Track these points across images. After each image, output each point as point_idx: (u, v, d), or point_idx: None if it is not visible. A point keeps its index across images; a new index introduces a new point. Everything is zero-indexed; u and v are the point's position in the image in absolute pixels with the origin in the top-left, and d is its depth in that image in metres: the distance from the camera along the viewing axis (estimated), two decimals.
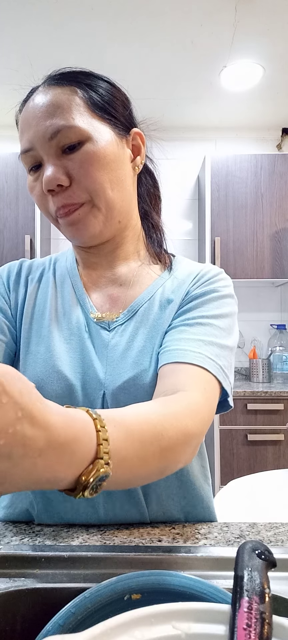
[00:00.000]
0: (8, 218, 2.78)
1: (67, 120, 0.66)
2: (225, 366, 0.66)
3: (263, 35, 2.21)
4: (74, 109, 0.67)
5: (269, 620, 0.34)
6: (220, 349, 0.66)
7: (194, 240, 3.19)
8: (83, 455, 0.40)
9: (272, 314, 3.14)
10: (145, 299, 0.74)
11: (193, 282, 0.74)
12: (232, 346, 0.70)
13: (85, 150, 0.66)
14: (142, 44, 2.27)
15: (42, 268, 0.81)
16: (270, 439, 2.49)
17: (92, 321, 0.73)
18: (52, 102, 0.67)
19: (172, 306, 0.72)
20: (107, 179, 0.68)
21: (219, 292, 0.72)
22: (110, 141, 0.69)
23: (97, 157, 0.67)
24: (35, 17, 2.09)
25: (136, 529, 0.66)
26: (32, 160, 0.69)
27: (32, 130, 0.67)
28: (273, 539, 0.63)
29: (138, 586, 0.44)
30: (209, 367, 0.63)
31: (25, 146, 0.68)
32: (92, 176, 0.67)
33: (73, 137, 0.66)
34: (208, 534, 0.64)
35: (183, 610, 0.36)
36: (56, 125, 0.65)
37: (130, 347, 0.70)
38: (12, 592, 0.50)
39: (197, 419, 0.57)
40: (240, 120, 3.05)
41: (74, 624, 0.40)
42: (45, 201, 0.70)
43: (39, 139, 0.66)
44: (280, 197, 2.79)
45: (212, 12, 2.05)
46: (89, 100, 0.68)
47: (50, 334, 0.72)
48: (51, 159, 0.67)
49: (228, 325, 0.70)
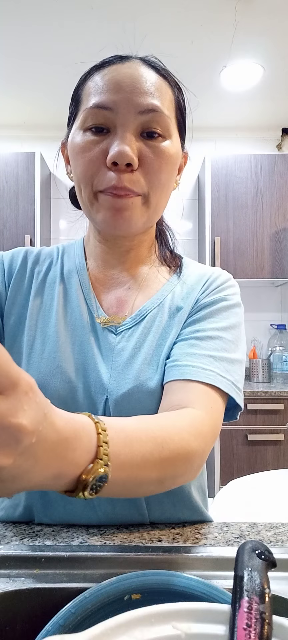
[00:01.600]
0: (8, 218, 2.78)
1: (163, 107, 0.64)
2: (237, 380, 0.66)
3: (263, 35, 2.21)
4: (168, 101, 0.66)
5: (269, 620, 0.34)
6: (231, 364, 0.66)
7: (194, 240, 3.19)
8: (83, 454, 0.41)
9: (272, 314, 3.14)
10: (154, 305, 0.72)
11: (203, 289, 0.73)
12: (242, 359, 0.70)
13: (165, 145, 0.65)
14: (142, 44, 2.27)
15: (50, 260, 0.78)
16: (270, 439, 2.49)
17: (98, 324, 0.71)
18: (154, 83, 0.64)
19: (181, 314, 0.71)
20: (167, 183, 0.68)
21: (228, 301, 0.72)
22: (178, 151, 0.70)
23: (170, 158, 0.67)
24: (35, 16, 2.09)
25: (136, 529, 0.66)
26: (103, 121, 0.63)
27: (122, 94, 0.62)
28: (273, 539, 0.63)
29: (138, 586, 0.44)
30: (221, 385, 0.63)
31: (105, 102, 0.63)
32: (160, 173, 0.65)
33: (161, 126, 0.64)
34: (208, 534, 0.64)
35: (183, 610, 0.36)
36: (153, 105, 0.63)
37: (137, 353, 0.68)
38: (12, 592, 0.50)
39: (200, 437, 0.57)
40: (240, 120, 3.05)
41: (74, 624, 0.40)
42: (97, 170, 0.64)
43: (127, 105, 0.62)
44: (280, 197, 2.79)
45: (212, 12, 2.05)
46: (177, 102, 0.69)
47: (56, 334, 0.70)
48: (129, 133, 0.63)
49: (237, 337, 0.70)
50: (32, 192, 2.78)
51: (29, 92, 2.71)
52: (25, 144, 3.13)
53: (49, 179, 3.10)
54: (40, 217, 2.80)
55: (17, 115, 2.97)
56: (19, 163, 2.78)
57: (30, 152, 2.79)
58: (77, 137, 0.66)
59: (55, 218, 3.17)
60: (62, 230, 3.17)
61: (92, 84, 0.66)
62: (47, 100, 2.79)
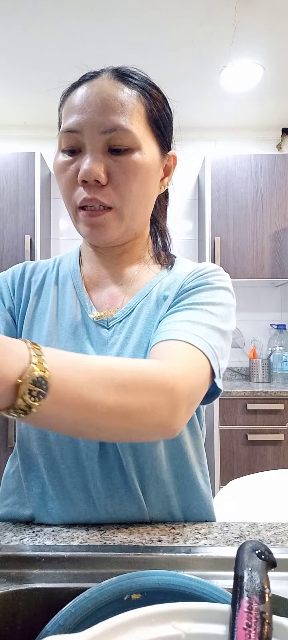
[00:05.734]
0: (8, 218, 2.78)
1: (126, 123, 0.65)
2: (215, 346, 0.63)
3: (263, 35, 2.21)
4: (135, 115, 0.67)
5: (269, 620, 0.34)
6: (210, 330, 0.64)
7: (194, 240, 3.19)
8: (14, 359, 0.42)
9: (272, 314, 3.14)
10: (142, 296, 0.74)
11: (189, 276, 0.73)
12: (225, 330, 0.67)
13: (132, 159, 0.66)
14: (142, 44, 2.27)
15: (46, 269, 0.82)
16: (270, 439, 2.49)
17: (91, 320, 0.73)
18: (116, 97, 0.66)
19: (167, 302, 0.73)
20: (141, 193, 0.69)
21: (213, 285, 0.71)
22: (154, 158, 0.70)
23: (140, 170, 0.67)
24: (36, 17, 2.09)
25: (136, 528, 0.66)
26: (73, 143, 0.67)
27: (86, 115, 0.65)
28: (273, 539, 0.63)
29: (138, 586, 0.44)
30: (195, 342, 0.60)
31: (71, 126, 0.66)
32: (130, 186, 0.67)
33: (125, 141, 0.66)
34: (208, 534, 0.64)
35: (183, 610, 0.36)
36: (113, 123, 0.65)
37: (127, 343, 0.70)
38: (12, 592, 0.50)
39: (170, 378, 0.54)
40: (240, 120, 3.05)
41: (74, 624, 0.40)
42: (73, 188, 0.68)
43: (91, 127, 0.65)
44: (280, 197, 2.79)
45: (212, 12, 2.05)
46: (149, 112, 0.69)
47: (49, 334, 0.73)
48: (96, 152, 0.66)
49: (222, 313, 0.68)
50: (32, 192, 2.78)
51: (29, 92, 2.71)
52: (25, 144, 3.12)
53: (49, 179, 3.10)
54: (40, 217, 2.80)
55: (17, 115, 2.97)
56: (19, 163, 2.78)
57: (30, 152, 2.79)
58: (57, 158, 0.70)
59: (55, 218, 3.17)
60: (62, 230, 3.17)
61: (66, 106, 0.69)
62: (47, 100, 2.78)
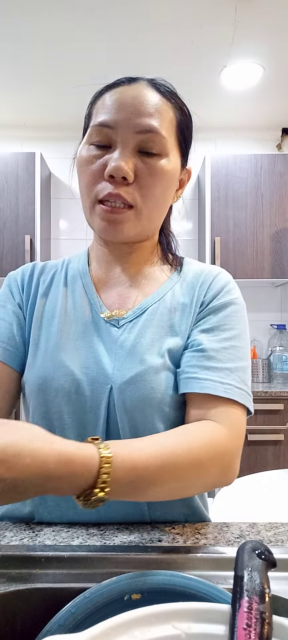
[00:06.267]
0: (8, 218, 2.78)
1: (160, 128, 0.69)
2: (249, 387, 0.71)
3: (263, 35, 2.21)
4: (168, 124, 0.71)
5: (269, 620, 0.34)
6: (244, 372, 0.70)
7: (194, 240, 3.19)
8: (81, 484, 0.49)
9: (272, 314, 3.14)
10: (154, 300, 0.75)
11: (204, 288, 0.75)
12: (250, 362, 0.75)
13: (160, 163, 0.69)
14: (142, 44, 2.27)
15: (55, 270, 0.83)
16: (270, 439, 2.48)
17: (101, 319, 0.74)
18: (154, 104, 0.69)
19: (183, 309, 0.74)
20: (161, 198, 0.72)
21: (236, 305, 0.75)
22: (176, 168, 0.74)
23: (165, 176, 0.71)
24: (36, 17, 2.09)
25: (136, 529, 0.66)
26: (104, 138, 0.69)
27: (123, 114, 0.68)
28: (273, 539, 0.63)
29: (138, 586, 0.44)
30: (238, 398, 0.67)
31: (106, 121, 0.69)
32: (154, 189, 0.70)
33: (157, 145, 0.69)
34: (208, 534, 0.64)
35: (183, 610, 0.36)
36: (149, 125, 0.68)
37: (139, 343, 0.71)
38: (12, 592, 0.50)
39: (217, 449, 0.63)
40: (240, 120, 3.05)
41: (74, 624, 0.40)
42: (96, 182, 0.70)
43: (126, 125, 0.68)
44: (280, 197, 2.79)
45: (212, 12, 2.05)
46: (179, 124, 0.74)
47: (59, 332, 0.74)
48: (127, 150, 0.68)
49: (247, 342, 0.74)
50: (32, 192, 2.78)
51: (29, 92, 2.70)
52: (25, 144, 3.12)
53: (49, 179, 3.10)
54: (40, 217, 2.80)
55: (17, 115, 2.97)
56: (19, 163, 2.78)
57: (30, 152, 2.79)
58: (83, 150, 0.72)
59: (55, 218, 3.16)
60: (62, 230, 3.17)
61: (100, 103, 0.72)
62: (47, 101, 2.78)
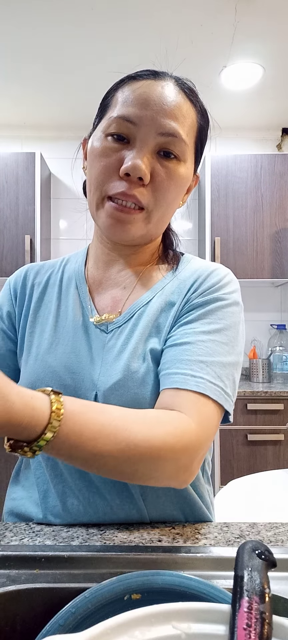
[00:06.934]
0: (8, 218, 2.78)
1: (183, 134, 0.67)
2: (227, 386, 0.64)
3: (263, 35, 2.21)
4: (189, 129, 0.69)
5: (269, 620, 0.34)
6: (223, 368, 0.64)
7: (194, 240, 3.19)
8: (31, 432, 0.49)
9: (272, 314, 3.14)
10: (143, 302, 0.73)
11: (195, 287, 0.71)
12: (236, 361, 0.67)
13: (178, 168, 0.68)
14: (142, 44, 2.27)
15: (51, 270, 0.81)
16: (270, 439, 2.48)
17: (91, 324, 0.73)
18: (180, 107, 0.67)
19: (169, 308, 0.71)
20: (172, 202, 0.71)
21: (222, 301, 0.69)
22: (190, 174, 0.73)
23: (181, 182, 0.69)
24: (36, 17, 2.09)
25: (136, 529, 0.66)
26: (124, 131, 0.66)
27: (148, 111, 0.65)
28: (273, 539, 0.63)
29: (138, 586, 0.44)
30: (210, 392, 0.62)
31: (129, 116, 0.65)
32: (169, 193, 0.68)
33: (178, 150, 0.67)
34: (208, 534, 0.64)
35: (183, 610, 0.36)
36: (173, 129, 0.66)
37: (125, 349, 0.69)
38: (12, 592, 0.50)
39: (181, 439, 0.58)
40: (240, 120, 3.05)
41: (74, 624, 0.40)
42: (109, 176, 0.67)
43: (150, 124, 0.65)
44: (280, 197, 2.79)
45: (212, 12, 2.05)
46: (200, 132, 0.72)
47: (50, 337, 0.74)
48: (146, 149, 0.65)
49: (232, 338, 0.67)
50: (32, 192, 2.78)
51: (29, 92, 2.70)
52: (25, 144, 3.12)
53: (49, 179, 3.10)
54: (40, 217, 2.79)
55: (17, 115, 2.97)
56: (19, 163, 2.78)
57: (30, 152, 2.79)
58: (98, 140, 0.69)
59: (55, 218, 3.16)
60: (62, 230, 3.17)
61: (121, 94, 0.68)
62: (47, 101, 2.78)
